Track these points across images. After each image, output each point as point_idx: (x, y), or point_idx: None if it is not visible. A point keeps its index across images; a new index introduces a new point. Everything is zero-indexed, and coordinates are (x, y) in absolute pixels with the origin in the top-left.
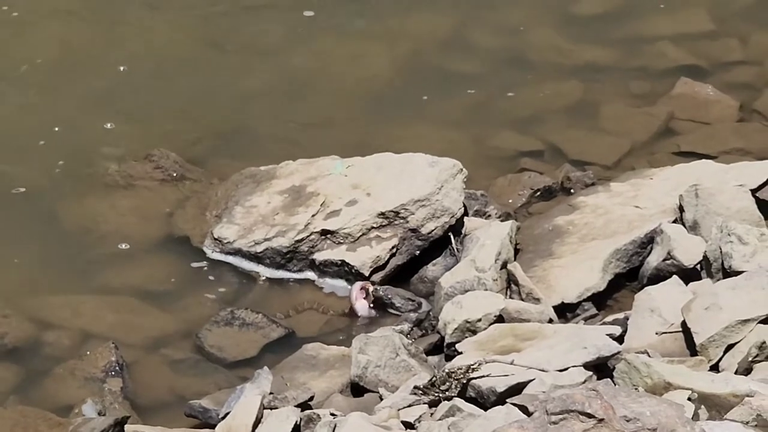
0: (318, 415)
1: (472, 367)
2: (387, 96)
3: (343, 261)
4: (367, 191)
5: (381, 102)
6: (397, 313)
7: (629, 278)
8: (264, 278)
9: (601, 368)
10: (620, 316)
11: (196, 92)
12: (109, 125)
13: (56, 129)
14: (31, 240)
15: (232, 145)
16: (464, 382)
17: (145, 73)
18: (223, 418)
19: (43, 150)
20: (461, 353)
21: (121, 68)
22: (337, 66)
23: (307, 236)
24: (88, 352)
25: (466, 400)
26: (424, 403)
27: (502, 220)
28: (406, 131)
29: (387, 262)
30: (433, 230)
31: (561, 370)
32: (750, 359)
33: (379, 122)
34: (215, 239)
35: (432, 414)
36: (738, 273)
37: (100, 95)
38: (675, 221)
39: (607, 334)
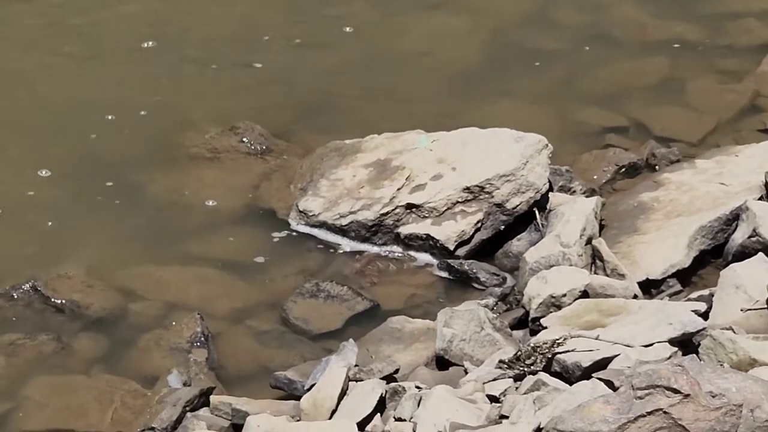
0: (403, 387)
1: (557, 341)
2: (472, 72)
3: (428, 235)
4: (453, 166)
5: (466, 78)
6: (482, 287)
7: (714, 255)
8: (349, 251)
9: (686, 344)
10: (705, 292)
11: (282, 66)
12: (195, 97)
13: (145, 101)
14: (116, 211)
15: (317, 118)
16: (549, 356)
17: (231, 48)
18: (308, 389)
19: (131, 122)
20: (546, 328)
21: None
22: (421, 42)
23: (392, 210)
24: (174, 323)
25: (551, 375)
26: (509, 377)
27: (587, 196)
28: (492, 107)
29: (472, 236)
30: (518, 205)
31: (646, 346)
32: None
33: (464, 98)
34: (300, 212)
35: (517, 388)
36: None
37: (189, 70)
38: (760, 198)
39: (692, 311)
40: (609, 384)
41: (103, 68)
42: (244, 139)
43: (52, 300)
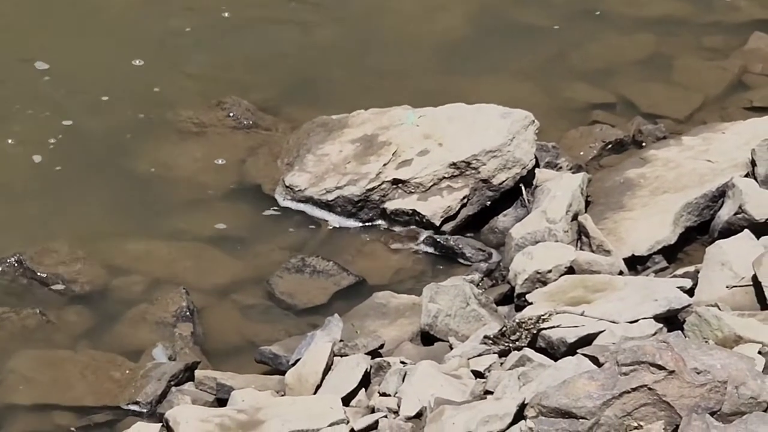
0: (388, 362)
1: (542, 317)
2: (459, 47)
3: (414, 210)
4: (439, 141)
5: (453, 53)
6: (468, 263)
7: (700, 232)
8: (335, 226)
9: (671, 321)
10: (691, 269)
11: (269, 42)
12: (182, 72)
13: (130, 75)
14: (103, 185)
15: (303, 93)
16: (534, 332)
17: (219, 23)
18: (293, 364)
19: (117, 95)
20: (531, 304)
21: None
22: (409, 18)
23: (379, 185)
24: (159, 297)
25: (536, 351)
26: (494, 353)
27: (573, 172)
28: (479, 83)
29: (458, 212)
30: (504, 181)
31: (631, 322)
32: None
33: (452, 73)
34: (287, 187)
35: (502, 363)
36: None
37: (177, 43)
38: (747, 175)
39: (678, 287)
40: (594, 360)
41: (90, 41)
42: (231, 114)
43: (38, 274)
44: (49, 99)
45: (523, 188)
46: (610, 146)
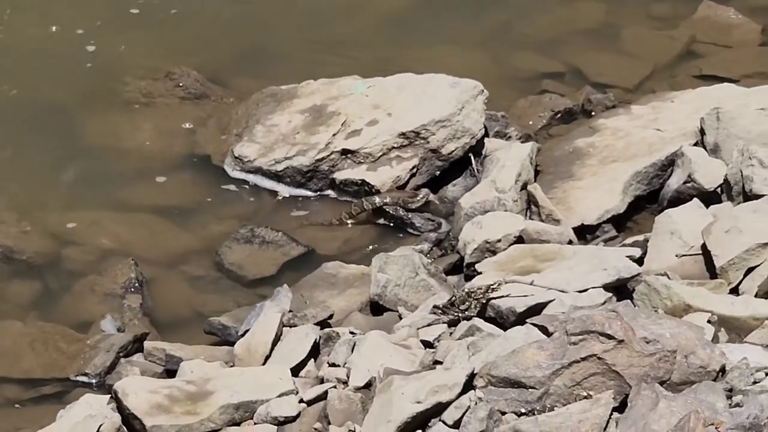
0: (337, 333)
1: (491, 287)
2: (409, 17)
3: (363, 180)
4: (388, 111)
5: (403, 23)
6: (417, 233)
7: (649, 201)
8: (284, 197)
9: (620, 290)
10: (640, 238)
11: (218, 13)
12: (130, 43)
13: (77, 45)
14: (51, 156)
15: (253, 64)
16: (484, 301)
17: None
18: (242, 335)
19: (64, 66)
20: (481, 273)
21: None
22: None
23: (328, 155)
24: (108, 269)
25: (485, 320)
26: (444, 323)
27: (522, 142)
28: (428, 52)
29: (407, 182)
30: (453, 151)
31: (580, 291)
32: None
33: (401, 43)
34: (236, 158)
35: (451, 333)
36: (759, 196)
37: (125, 13)
38: (696, 144)
39: (627, 256)
40: (543, 329)
41: (37, 11)
42: (180, 85)
43: None
44: None
45: (472, 158)
46: (559, 115)
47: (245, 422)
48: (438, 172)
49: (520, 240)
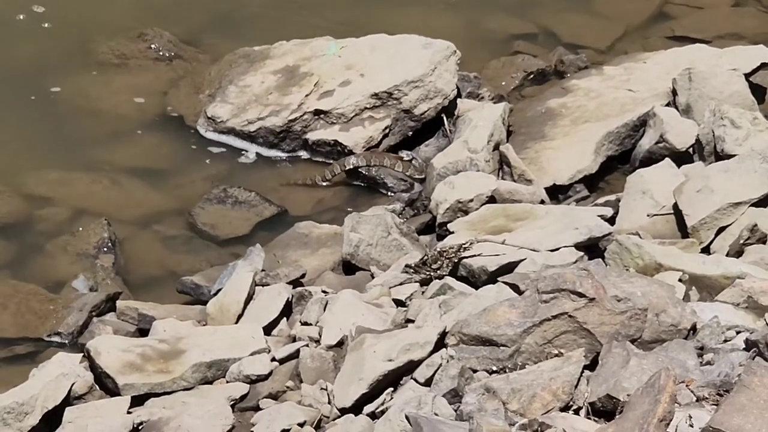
0: (309, 292)
1: (463, 246)
2: None
3: (335, 141)
4: (361, 72)
5: None
6: (390, 193)
7: (621, 161)
8: (257, 157)
9: (592, 249)
10: (612, 198)
11: None
12: (103, 4)
13: (50, 6)
14: (23, 117)
15: (225, 25)
16: (455, 261)
17: None
18: (214, 294)
19: (37, 27)
20: (453, 233)
21: None
22: None
23: (301, 116)
24: (81, 229)
25: (457, 279)
26: (416, 282)
27: (494, 102)
28: (400, 13)
29: (380, 142)
30: (425, 111)
31: (552, 250)
32: (741, 242)
33: (374, 4)
34: (209, 118)
35: (423, 292)
36: (730, 156)
37: None
38: (668, 105)
39: (599, 216)
40: (515, 288)
41: None
42: (153, 46)
43: None
44: None
45: (444, 118)
46: (531, 76)
47: (217, 380)
48: (410, 133)
49: (492, 200)
